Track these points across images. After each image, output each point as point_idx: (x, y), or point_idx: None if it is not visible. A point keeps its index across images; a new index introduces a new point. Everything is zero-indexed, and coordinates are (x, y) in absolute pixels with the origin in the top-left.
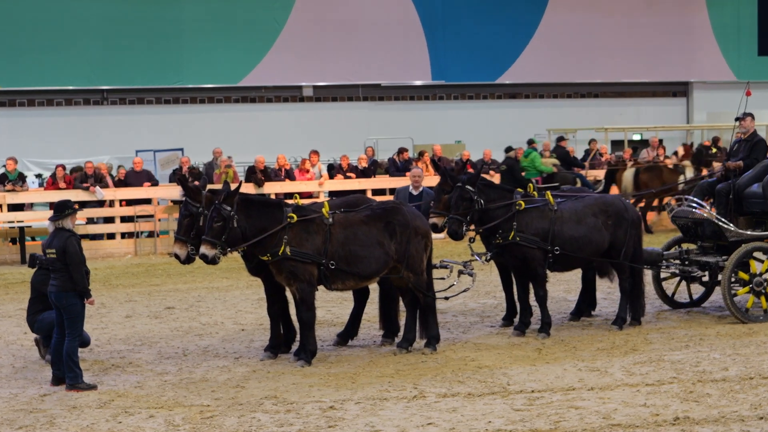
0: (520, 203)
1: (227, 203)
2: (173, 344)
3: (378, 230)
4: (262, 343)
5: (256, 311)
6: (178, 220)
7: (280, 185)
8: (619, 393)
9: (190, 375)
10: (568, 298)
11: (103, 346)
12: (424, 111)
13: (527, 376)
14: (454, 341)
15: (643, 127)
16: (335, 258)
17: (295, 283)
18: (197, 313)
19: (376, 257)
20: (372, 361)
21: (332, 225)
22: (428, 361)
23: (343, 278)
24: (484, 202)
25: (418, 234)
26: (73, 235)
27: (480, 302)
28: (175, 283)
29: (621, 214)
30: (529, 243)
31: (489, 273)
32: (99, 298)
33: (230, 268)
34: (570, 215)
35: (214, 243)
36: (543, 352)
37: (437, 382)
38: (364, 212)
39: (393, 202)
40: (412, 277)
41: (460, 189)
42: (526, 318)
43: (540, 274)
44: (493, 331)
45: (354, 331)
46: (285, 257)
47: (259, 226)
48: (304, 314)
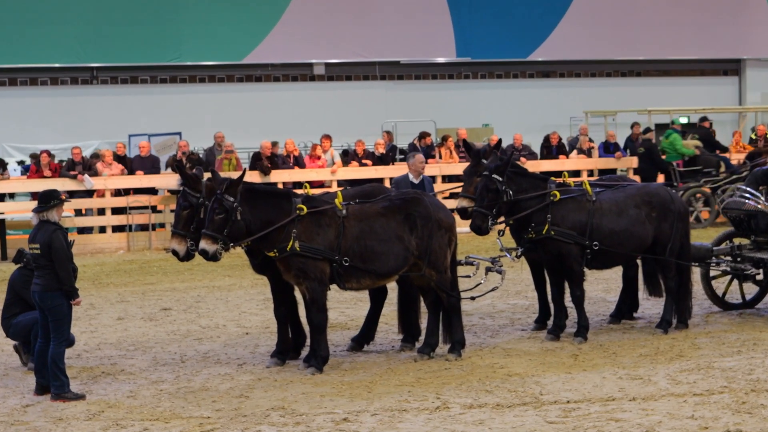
0: (554, 193)
1: (230, 193)
2: (170, 349)
3: (397, 223)
4: (268, 348)
5: (261, 313)
6: (175, 212)
7: (288, 173)
8: (663, 404)
9: (189, 383)
10: (608, 299)
11: (92, 352)
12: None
13: (562, 384)
14: (481, 346)
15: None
16: (349, 254)
17: (305, 282)
18: (196, 315)
19: (395, 253)
20: (390, 369)
21: (346, 217)
22: (452, 368)
23: (358, 276)
24: (515, 192)
25: (441, 227)
26: (59, 229)
27: (510, 303)
28: (172, 282)
29: (666, 205)
30: (564, 237)
31: (520, 270)
32: (88, 298)
33: (233, 265)
34: (610, 207)
35: (215, 237)
36: (579, 358)
37: (462, 392)
38: (381, 203)
39: (413, 192)
40: (435, 275)
41: (486, 179)
42: (560, 321)
43: (576, 272)
44: (524, 335)
45: (370, 335)
46: (294, 253)
47: (264, 218)
48: (315, 316)
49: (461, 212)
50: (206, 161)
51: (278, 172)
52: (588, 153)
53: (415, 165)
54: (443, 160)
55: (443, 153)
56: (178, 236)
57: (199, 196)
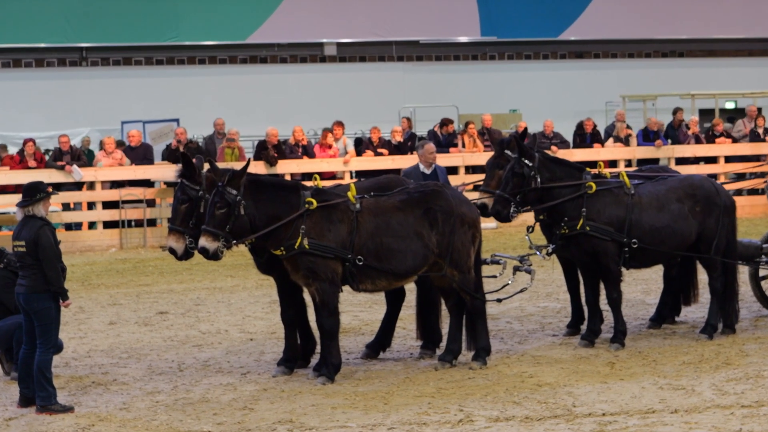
0: (590, 185)
1: (232, 186)
2: (167, 357)
3: (416, 218)
4: (274, 355)
5: (267, 317)
6: (172, 206)
7: (296, 164)
8: (708, 416)
9: (188, 394)
10: (647, 301)
11: (81, 359)
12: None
13: (597, 395)
14: (509, 353)
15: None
16: (363, 252)
17: (315, 283)
18: (196, 320)
19: (414, 251)
20: (408, 378)
21: (360, 212)
22: (476, 377)
23: (373, 277)
24: (547, 180)
25: (464, 223)
26: (46, 224)
27: (540, 306)
28: (169, 283)
29: (711, 198)
30: (600, 234)
31: (551, 270)
32: (77, 300)
33: (236, 264)
34: (650, 200)
35: (216, 234)
36: (616, 366)
37: (487, 404)
38: (398, 196)
39: (434, 184)
40: (457, 275)
41: (514, 161)
42: (595, 325)
43: (613, 272)
44: (555, 341)
45: (386, 341)
46: (302, 251)
47: (270, 213)
48: (326, 320)
49: (482, 209)
50: (206, 150)
51: (285, 163)
52: (625, 141)
53: (425, 155)
54: (466, 149)
55: (466, 141)
56: (176, 233)
57: (198, 188)
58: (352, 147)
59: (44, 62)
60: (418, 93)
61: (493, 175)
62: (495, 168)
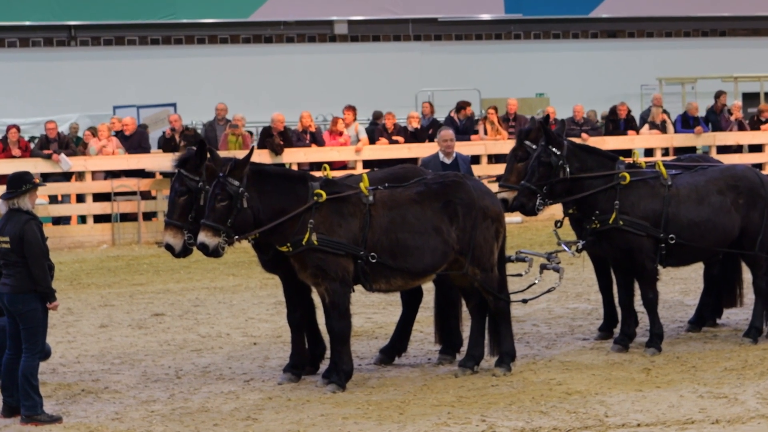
0: (623, 175)
1: (235, 176)
2: (163, 363)
3: (434, 212)
4: (280, 361)
5: (272, 319)
6: (169, 199)
7: (303, 152)
8: (752, 427)
9: (186, 404)
10: (686, 302)
11: (70, 366)
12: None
13: (631, 405)
14: (535, 359)
15: None
16: (377, 248)
17: (324, 282)
18: (194, 322)
19: (432, 248)
20: (426, 385)
21: (373, 205)
22: (500, 384)
23: (387, 275)
24: (577, 171)
25: (487, 217)
26: (32, 219)
27: (569, 307)
28: (166, 283)
29: (755, 190)
30: (635, 228)
31: (581, 268)
32: (65, 301)
33: (238, 262)
34: (689, 192)
35: (216, 229)
36: (652, 373)
37: (512, 413)
38: (415, 188)
39: (454, 175)
40: (479, 273)
41: (541, 149)
42: (629, 328)
43: (649, 270)
44: (586, 345)
45: (402, 345)
46: (310, 247)
47: (276, 206)
48: (337, 323)
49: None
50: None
51: (292, 151)
52: (662, 128)
53: (440, 143)
54: (488, 136)
55: (488, 128)
56: (173, 228)
57: (198, 179)
58: (364, 134)
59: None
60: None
61: (512, 168)
62: (514, 160)
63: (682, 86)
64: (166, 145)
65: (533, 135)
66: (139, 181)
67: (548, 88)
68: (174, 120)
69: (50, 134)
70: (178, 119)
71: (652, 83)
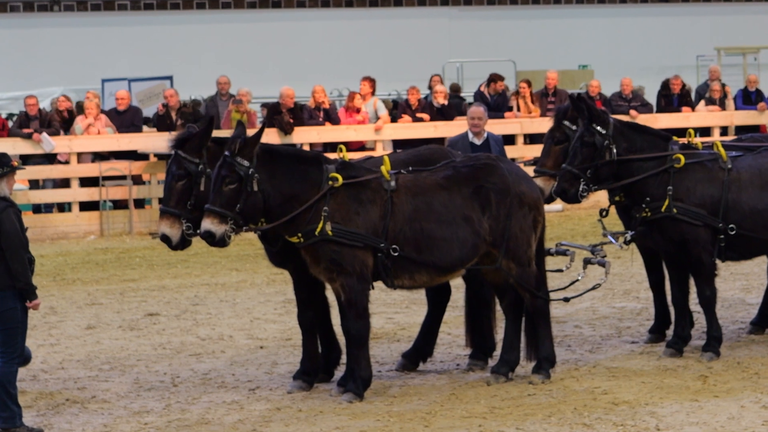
0: (678, 157)
1: (244, 155)
2: (157, 369)
3: (464, 199)
4: (290, 367)
5: (280, 320)
6: (165, 184)
7: (317, 131)
8: None
9: (183, 415)
10: (748, 301)
11: (53, 372)
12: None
13: (686, 416)
14: (577, 364)
15: None
16: (400, 240)
17: (340, 278)
18: (193, 323)
19: (461, 239)
20: (454, 395)
21: (395, 191)
22: (538, 393)
23: (411, 270)
24: (625, 152)
25: (523, 204)
26: (10, 206)
27: (615, 306)
28: (161, 278)
29: None
30: (690, 217)
31: (629, 263)
32: (47, 299)
33: (242, 255)
34: (751, 177)
35: (224, 215)
36: (709, 380)
37: (551, 426)
38: (442, 172)
39: (486, 157)
40: (515, 268)
41: (584, 128)
42: (684, 330)
43: (706, 265)
44: (634, 349)
45: (427, 349)
46: (325, 238)
47: (287, 191)
48: (354, 324)
49: None
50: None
51: (303, 130)
52: (721, 104)
53: (471, 121)
54: (521, 113)
55: (521, 105)
56: (170, 216)
57: (198, 161)
58: (384, 110)
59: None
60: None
61: (548, 151)
62: (551, 142)
63: (743, 57)
64: (161, 123)
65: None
66: (130, 164)
67: (592, 58)
68: (170, 95)
69: (30, 111)
70: (174, 94)
71: (710, 53)
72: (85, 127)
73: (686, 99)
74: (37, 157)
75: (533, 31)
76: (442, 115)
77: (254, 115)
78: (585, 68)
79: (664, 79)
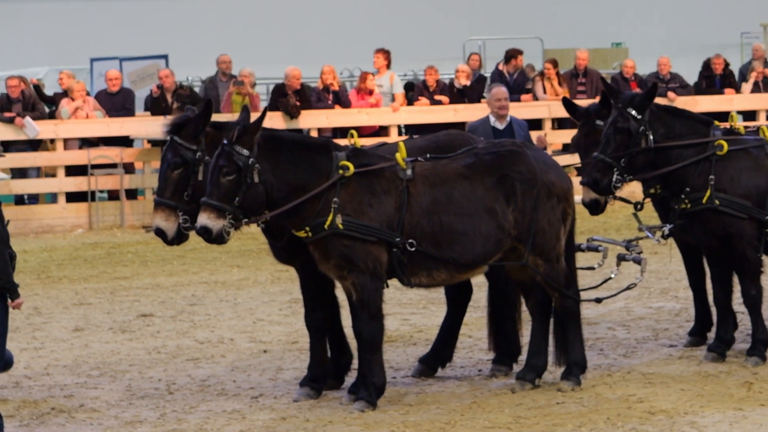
0: (720, 143)
1: (243, 143)
2: (151, 375)
3: (486, 189)
4: (296, 372)
5: (286, 321)
6: (160, 173)
7: (325, 115)
8: None
9: (180, 425)
10: None
11: (37, 378)
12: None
13: (728, 426)
14: (611, 370)
15: None
16: (417, 234)
17: (351, 275)
18: (191, 325)
19: (484, 234)
20: (476, 403)
21: (412, 181)
22: (568, 402)
23: (429, 267)
24: (662, 138)
25: (552, 195)
26: None
27: (652, 307)
28: (155, 276)
29: None
30: (734, 209)
31: (667, 259)
32: (31, 299)
33: (244, 250)
34: None
35: (222, 209)
36: (755, 387)
37: None
38: (463, 160)
39: (511, 143)
40: (542, 265)
41: (617, 114)
42: (726, 333)
43: (751, 261)
44: (673, 353)
45: (447, 353)
46: (335, 232)
47: (293, 181)
48: (366, 326)
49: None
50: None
51: (311, 114)
52: (766, 86)
53: (492, 103)
54: (548, 96)
55: (547, 87)
56: (165, 208)
57: (195, 148)
58: (400, 91)
59: None
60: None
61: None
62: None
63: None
64: (155, 106)
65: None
66: (122, 151)
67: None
68: (165, 76)
69: (12, 93)
70: (169, 75)
71: (755, 30)
72: (72, 110)
73: (729, 80)
74: (21, 144)
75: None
76: (463, 98)
77: (257, 97)
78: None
79: (705, 59)
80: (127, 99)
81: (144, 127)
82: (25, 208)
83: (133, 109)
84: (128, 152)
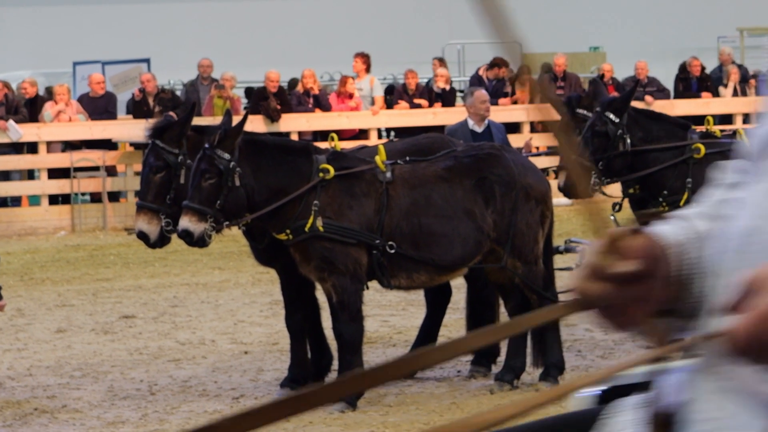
0: (697, 147)
1: (224, 147)
2: (133, 376)
3: (465, 191)
4: (277, 373)
5: (266, 323)
6: (142, 176)
7: (306, 119)
8: None
9: (161, 426)
10: None
11: (20, 379)
12: None
13: None
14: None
15: None
16: (396, 236)
17: (332, 278)
18: (172, 326)
19: (463, 235)
20: (455, 403)
21: (391, 183)
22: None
23: (408, 269)
24: (640, 141)
25: (530, 197)
26: None
27: None
28: (137, 278)
29: None
30: None
31: None
32: (13, 300)
33: (226, 252)
34: None
35: (203, 212)
36: None
37: None
38: (442, 162)
39: (490, 146)
40: (521, 266)
41: (595, 116)
42: None
43: None
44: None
45: None
46: (315, 235)
47: (274, 184)
48: (346, 327)
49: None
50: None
51: (291, 117)
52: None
53: (476, 105)
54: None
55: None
56: (147, 211)
57: (177, 152)
58: (380, 94)
59: None
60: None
61: None
62: None
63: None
64: (137, 109)
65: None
66: (104, 154)
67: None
68: (147, 79)
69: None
70: (151, 78)
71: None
72: (55, 113)
73: (706, 83)
74: (3, 147)
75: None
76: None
77: (238, 101)
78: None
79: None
80: (110, 103)
81: (126, 130)
82: (8, 211)
83: (115, 112)
84: (110, 155)
